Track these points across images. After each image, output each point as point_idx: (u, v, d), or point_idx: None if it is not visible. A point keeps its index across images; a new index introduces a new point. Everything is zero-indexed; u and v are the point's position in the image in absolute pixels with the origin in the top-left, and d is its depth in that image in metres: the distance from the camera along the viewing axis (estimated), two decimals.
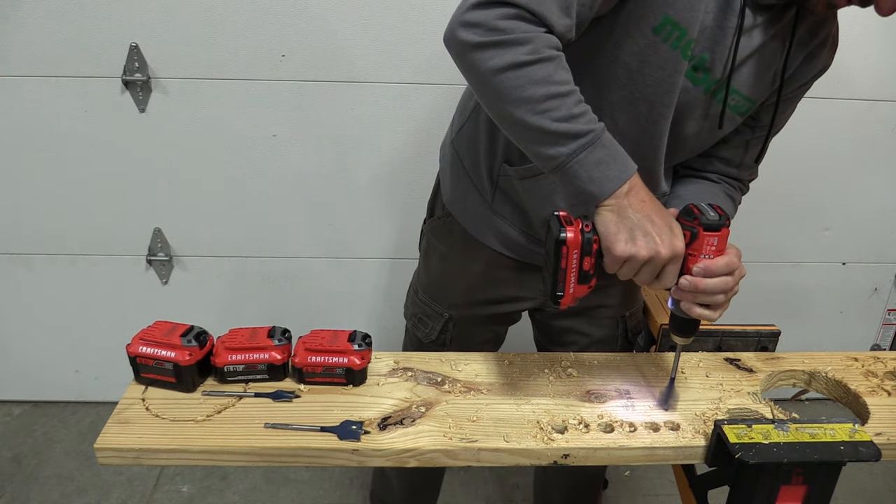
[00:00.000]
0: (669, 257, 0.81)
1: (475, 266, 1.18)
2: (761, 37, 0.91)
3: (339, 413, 0.92)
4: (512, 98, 0.80)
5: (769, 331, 1.14)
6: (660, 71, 0.90)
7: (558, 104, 0.80)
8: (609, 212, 0.82)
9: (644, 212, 0.81)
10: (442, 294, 1.23)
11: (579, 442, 0.88)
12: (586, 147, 0.80)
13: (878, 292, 2.23)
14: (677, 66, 0.90)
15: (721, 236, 0.83)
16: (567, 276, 0.83)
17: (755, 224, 2.08)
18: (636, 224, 0.81)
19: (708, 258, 0.83)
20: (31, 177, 1.88)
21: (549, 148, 0.81)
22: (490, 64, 0.79)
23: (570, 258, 0.82)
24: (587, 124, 0.81)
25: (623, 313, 1.25)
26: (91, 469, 1.94)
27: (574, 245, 0.82)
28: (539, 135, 0.81)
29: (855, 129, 1.95)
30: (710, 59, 0.90)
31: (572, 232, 0.81)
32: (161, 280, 2.04)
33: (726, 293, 0.85)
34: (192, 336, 0.94)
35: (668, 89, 0.92)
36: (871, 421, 0.95)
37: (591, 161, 0.81)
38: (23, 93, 1.77)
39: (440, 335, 1.23)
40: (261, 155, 1.87)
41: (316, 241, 2.00)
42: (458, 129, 1.15)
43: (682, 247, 0.82)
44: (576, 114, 0.80)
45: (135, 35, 1.71)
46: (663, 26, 0.86)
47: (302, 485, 1.93)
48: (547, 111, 0.79)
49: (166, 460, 0.88)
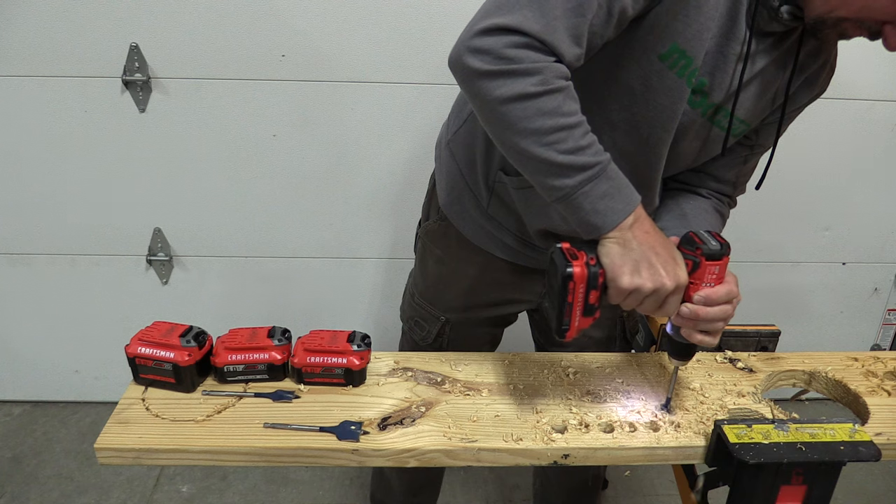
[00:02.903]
0: (674, 288, 0.81)
1: (471, 270, 1.18)
2: (763, 61, 0.91)
3: (338, 413, 0.92)
4: (519, 129, 0.79)
5: (769, 331, 1.14)
6: (664, 97, 0.90)
7: (566, 136, 0.79)
8: (614, 244, 0.81)
9: (648, 243, 0.81)
10: (438, 298, 1.23)
11: (579, 442, 0.88)
12: (592, 179, 0.80)
13: (878, 292, 2.23)
14: (681, 94, 0.90)
15: (722, 265, 0.83)
16: (573, 310, 0.83)
17: (755, 224, 2.08)
18: (641, 256, 0.80)
19: (709, 286, 0.84)
20: (31, 177, 1.88)
21: (554, 179, 0.81)
22: (497, 93, 0.78)
23: (576, 293, 0.81)
24: (594, 156, 0.80)
25: (621, 314, 1.25)
26: (91, 469, 1.94)
27: (580, 280, 0.81)
28: (545, 166, 0.80)
29: (855, 129, 1.95)
30: (709, 83, 0.90)
31: (578, 266, 0.81)
32: (161, 280, 2.04)
33: (725, 321, 0.86)
34: (190, 336, 0.94)
35: (670, 115, 0.92)
36: (871, 421, 0.95)
37: (597, 194, 0.80)
38: (23, 93, 1.77)
39: (437, 338, 1.23)
40: (261, 155, 1.87)
41: (315, 241, 2.00)
42: (455, 132, 1.15)
43: (686, 277, 0.82)
44: (583, 146, 0.80)
45: (135, 35, 1.71)
46: (670, 54, 0.86)
47: (302, 485, 1.93)
48: (554, 143, 0.79)
49: (166, 460, 0.88)
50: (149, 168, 1.87)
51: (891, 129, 1.96)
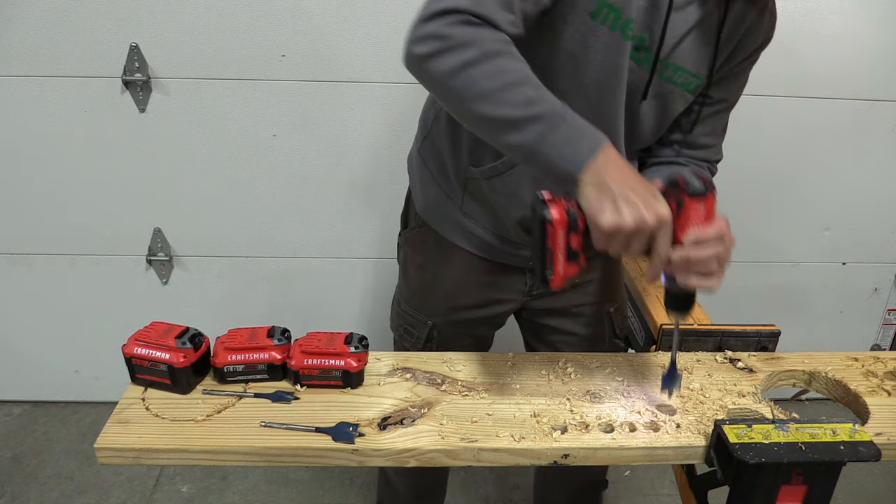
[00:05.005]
0: (656, 223, 0.79)
1: (451, 272, 1.18)
2: (698, 12, 0.92)
3: (338, 413, 0.92)
4: (469, 96, 0.82)
5: (769, 331, 1.14)
6: (603, 54, 0.91)
7: (514, 92, 0.81)
8: (589, 186, 0.80)
9: (624, 181, 0.80)
10: (423, 303, 1.23)
11: (579, 442, 0.88)
12: (551, 128, 0.80)
13: (878, 292, 2.23)
14: (619, 47, 0.91)
15: (708, 204, 0.81)
16: (555, 255, 0.82)
17: (755, 224, 2.08)
18: (618, 194, 0.79)
19: (697, 227, 0.81)
20: (31, 177, 1.88)
21: (515, 136, 0.82)
22: (444, 69, 0.82)
23: (556, 237, 0.81)
24: (547, 106, 0.81)
25: (607, 309, 1.25)
26: (91, 469, 1.94)
27: (559, 223, 0.81)
28: (503, 125, 0.82)
29: (855, 129, 1.95)
30: (648, 38, 0.91)
31: (556, 210, 0.81)
32: (161, 280, 2.04)
33: (720, 261, 0.84)
34: (186, 338, 0.94)
35: (614, 71, 0.93)
36: (871, 421, 0.95)
37: (559, 140, 0.81)
38: (23, 93, 1.77)
39: (426, 343, 1.24)
40: (261, 155, 1.87)
41: (315, 241, 2.00)
42: (422, 140, 1.18)
43: (667, 212, 0.80)
44: (533, 98, 0.81)
45: (135, 35, 1.71)
46: (600, 10, 0.88)
47: (302, 485, 1.93)
48: (504, 101, 0.81)
49: (166, 460, 0.88)
50: (149, 168, 1.87)
51: (891, 129, 1.96)
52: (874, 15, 1.82)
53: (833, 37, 1.83)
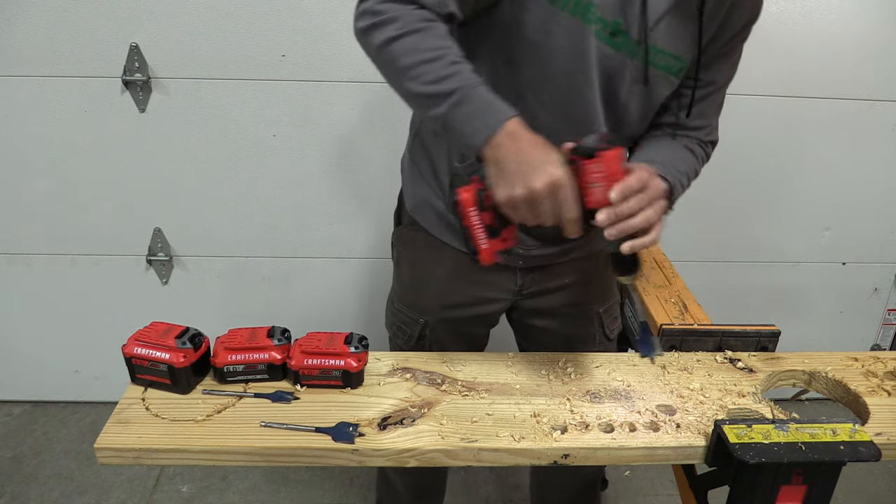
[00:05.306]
0: (546, 186, 0.80)
1: (441, 270, 1.18)
2: None
3: (338, 413, 0.92)
4: (392, 70, 0.88)
5: (769, 331, 1.14)
6: (565, 40, 0.91)
7: (427, 69, 0.85)
8: (490, 163, 0.84)
9: (518, 154, 0.82)
10: (415, 301, 1.23)
11: (579, 442, 0.88)
12: (458, 104, 0.84)
13: (878, 292, 2.23)
14: (581, 32, 0.90)
15: (605, 161, 0.82)
16: (474, 233, 0.87)
17: (755, 224, 2.08)
18: (509, 167, 0.82)
19: (599, 186, 0.82)
20: (31, 177, 1.88)
21: (430, 110, 0.86)
22: (374, 43, 0.88)
23: (469, 216, 0.86)
24: (457, 83, 0.84)
25: (596, 310, 1.25)
26: (91, 469, 1.94)
27: (467, 203, 0.85)
28: (420, 100, 0.87)
29: (855, 129, 1.95)
30: (623, 21, 0.91)
31: (465, 191, 0.86)
32: (161, 280, 2.04)
33: (646, 211, 0.85)
34: (186, 338, 0.94)
35: (578, 56, 0.92)
36: (871, 421, 0.95)
37: (463, 116, 0.84)
38: (23, 93, 1.77)
39: (419, 341, 1.24)
40: (261, 155, 1.87)
41: (315, 241, 2.00)
42: (413, 138, 1.20)
43: (560, 175, 0.81)
44: (444, 75, 0.84)
45: (135, 35, 1.71)
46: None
47: (302, 485, 1.93)
48: (418, 76, 0.85)
49: (166, 460, 0.88)
50: (149, 168, 1.87)
51: (891, 129, 1.96)
52: (874, 15, 1.82)
53: (833, 37, 1.83)
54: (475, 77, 0.85)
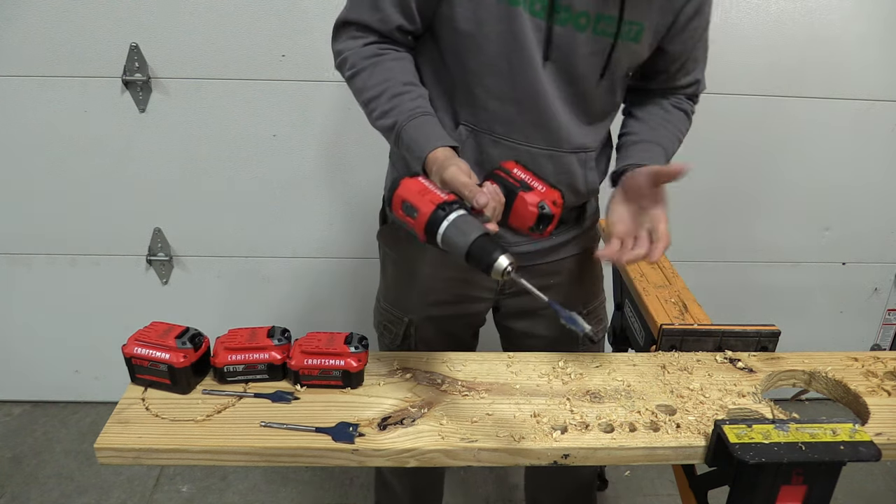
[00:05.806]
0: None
1: (423, 268, 1.19)
2: None
3: (338, 413, 0.92)
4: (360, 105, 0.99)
5: (769, 331, 1.14)
6: (497, 25, 0.93)
7: (374, 106, 0.95)
8: None
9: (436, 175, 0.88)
10: (399, 300, 1.24)
11: (579, 442, 0.88)
12: (398, 137, 0.94)
13: (878, 292, 2.23)
14: (511, 14, 0.91)
15: None
16: None
17: (755, 224, 2.08)
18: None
19: None
20: (31, 177, 1.88)
21: (390, 142, 0.97)
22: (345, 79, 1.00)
23: None
24: (393, 117, 0.93)
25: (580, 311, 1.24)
26: (91, 469, 1.94)
27: None
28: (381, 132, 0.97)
29: (855, 129, 1.95)
30: None
31: None
32: (161, 280, 2.04)
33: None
34: (186, 338, 0.94)
35: (513, 37, 0.93)
36: (871, 421, 0.95)
37: (404, 147, 0.93)
38: (23, 93, 1.77)
39: (404, 340, 1.24)
40: (261, 155, 1.87)
41: (316, 241, 2.00)
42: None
43: None
44: (386, 110, 0.94)
45: (135, 35, 1.72)
46: None
47: (302, 485, 1.93)
48: (371, 113, 0.97)
49: (166, 460, 0.88)
50: (149, 168, 1.87)
51: (891, 129, 1.96)
52: (874, 15, 1.82)
53: (833, 37, 1.83)
54: (413, 105, 0.93)
